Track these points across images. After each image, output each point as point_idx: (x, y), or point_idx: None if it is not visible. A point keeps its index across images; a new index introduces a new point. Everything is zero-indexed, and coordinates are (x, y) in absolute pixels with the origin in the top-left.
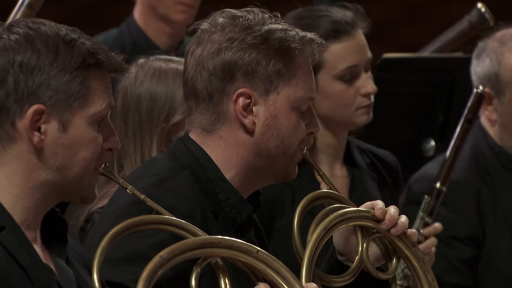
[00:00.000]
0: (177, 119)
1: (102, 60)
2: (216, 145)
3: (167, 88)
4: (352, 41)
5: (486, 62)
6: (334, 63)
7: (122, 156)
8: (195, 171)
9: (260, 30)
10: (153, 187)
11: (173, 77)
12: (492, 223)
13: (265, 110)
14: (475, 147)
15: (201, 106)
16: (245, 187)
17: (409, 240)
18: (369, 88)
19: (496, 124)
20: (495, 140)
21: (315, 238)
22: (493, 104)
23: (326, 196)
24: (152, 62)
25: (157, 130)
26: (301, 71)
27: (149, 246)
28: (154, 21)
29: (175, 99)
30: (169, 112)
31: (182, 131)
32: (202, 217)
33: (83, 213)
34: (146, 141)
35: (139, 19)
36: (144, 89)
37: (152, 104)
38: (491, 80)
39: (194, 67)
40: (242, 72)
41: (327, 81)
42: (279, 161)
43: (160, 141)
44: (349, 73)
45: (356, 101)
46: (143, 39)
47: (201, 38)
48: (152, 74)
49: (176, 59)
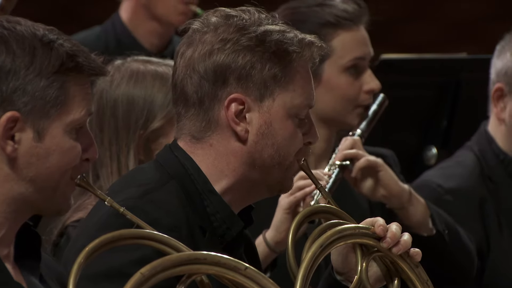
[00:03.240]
0: (156, 126)
1: (82, 64)
2: (206, 154)
3: (145, 91)
4: (360, 33)
5: (507, 56)
6: (343, 53)
7: (98, 166)
8: (183, 182)
9: (256, 31)
10: (136, 198)
11: (152, 79)
12: (497, 233)
13: (259, 117)
14: (480, 154)
15: (191, 111)
16: (236, 200)
17: (412, 260)
18: (373, 85)
19: (504, 124)
20: (500, 146)
21: (310, 256)
22: (504, 101)
23: (324, 211)
24: (129, 64)
25: (135, 137)
26: (299, 76)
27: (129, 262)
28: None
29: (154, 103)
30: (147, 117)
31: (162, 139)
32: (188, 232)
33: (56, 226)
34: (123, 149)
35: (126, 17)
36: (120, 92)
37: (129, 109)
38: (507, 74)
39: (184, 69)
40: (235, 76)
41: (334, 72)
42: (273, 173)
43: (138, 149)
44: (357, 65)
45: (359, 98)
46: (129, 38)
47: (192, 38)
48: (129, 76)
49: (155, 60)
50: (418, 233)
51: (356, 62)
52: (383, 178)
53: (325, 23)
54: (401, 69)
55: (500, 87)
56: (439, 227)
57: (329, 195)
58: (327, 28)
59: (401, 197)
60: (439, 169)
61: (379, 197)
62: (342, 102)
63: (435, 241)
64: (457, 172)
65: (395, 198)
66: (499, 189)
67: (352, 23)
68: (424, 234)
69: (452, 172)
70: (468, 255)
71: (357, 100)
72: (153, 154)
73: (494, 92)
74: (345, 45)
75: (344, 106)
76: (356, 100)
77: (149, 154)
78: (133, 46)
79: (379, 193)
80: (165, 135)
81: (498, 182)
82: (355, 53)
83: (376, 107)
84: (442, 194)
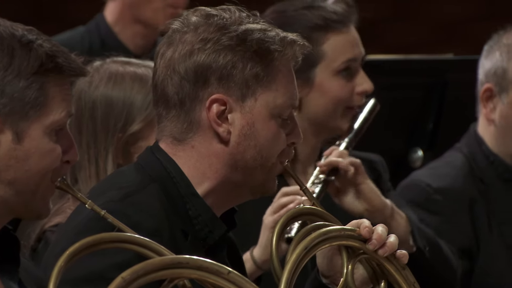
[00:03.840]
0: (135, 129)
1: (61, 65)
2: (187, 156)
3: (124, 93)
4: (350, 34)
5: (496, 56)
6: (334, 56)
7: (76, 169)
8: (165, 185)
9: (237, 30)
10: (117, 201)
11: (131, 81)
12: (487, 234)
13: (242, 118)
14: (469, 156)
15: (172, 113)
16: (219, 203)
17: (399, 262)
18: (366, 86)
19: (493, 125)
20: (490, 148)
21: (294, 258)
22: (493, 101)
23: (308, 213)
24: (108, 65)
25: (113, 140)
26: (282, 75)
27: (110, 266)
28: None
29: (133, 106)
30: (126, 120)
31: (141, 142)
32: (170, 235)
33: (34, 231)
34: (101, 153)
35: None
36: (99, 94)
37: (107, 112)
38: (497, 74)
39: (164, 70)
40: (216, 76)
41: (326, 76)
42: (256, 174)
43: (116, 153)
44: (349, 67)
45: (351, 100)
46: (113, 39)
47: (172, 38)
48: (108, 78)
49: (135, 62)
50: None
51: (348, 64)
52: (365, 192)
53: (314, 26)
54: (386, 70)
55: (489, 88)
56: (420, 244)
57: (313, 197)
58: (317, 32)
59: (384, 211)
60: (428, 169)
61: (361, 211)
62: (334, 105)
63: (416, 258)
64: (446, 172)
65: (378, 212)
66: (489, 191)
67: (342, 24)
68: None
69: (441, 172)
70: (450, 269)
71: (349, 102)
72: (132, 158)
73: (483, 92)
74: (336, 48)
75: (336, 109)
76: (348, 102)
77: (128, 157)
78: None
79: (362, 207)
80: (145, 138)
81: (488, 184)
82: (347, 56)
83: (366, 115)
84: (431, 194)
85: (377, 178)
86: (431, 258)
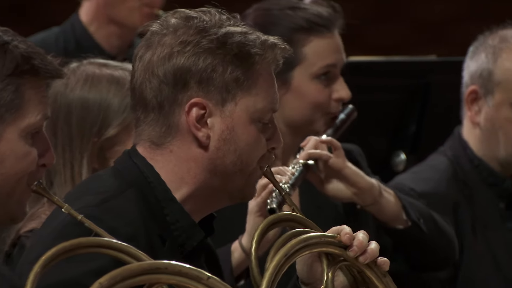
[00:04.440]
0: (112, 133)
1: (37, 66)
2: (166, 160)
3: (101, 96)
4: (333, 39)
5: (481, 57)
6: (314, 59)
7: (52, 173)
8: (142, 190)
9: (217, 33)
10: (93, 207)
11: (108, 84)
12: (471, 239)
13: (221, 122)
14: (454, 159)
15: (150, 116)
16: (197, 209)
17: (380, 270)
18: (343, 94)
19: (478, 128)
20: (474, 152)
21: (274, 265)
22: (479, 104)
23: (288, 219)
24: (84, 67)
25: (88, 145)
26: (262, 79)
27: (87, 272)
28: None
29: (109, 109)
30: (102, 124)
31: (118, 146)
32: (147, 241)
33: (9, 236)
34: (77, 157)
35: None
36: (75, 97)
37: (83, 115)
38: (482, 76)
39: (142, 73)
40: (196, 79)
41: (304, 79)
42: (235, 180)
43: (92, 158)
44: (328, 72)
45: (328, 106)
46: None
47: (151, 41)
48: (85, 80)
49: (112, 64)
50: (394, 226)
51: (327, 70)
52: (350, 175)
53: (298, 28)
54: (368, 72)
55: (475, 90)
56: (413, 217)
57: (293, 203)
58: (300, 34)
59: (372, 191)
60: (412, 173)
61: (349, 196)
62: (310, 109)
63: (412, 232)
64: (430, 175)
65: (367, 193)
66: (473, 195)
67: (326, 29)
68: (400, 226)
69: (425, 176)
70: (448, 238)
71: (326, 108)
72: (108, 163)
73: (468, 95)
74: (317, 52)
75: (312, 113)
76: (325, 108)
77: (104, 162)
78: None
79: (349, 191)
80: (121, 143)
81: (472, 188)
82: (327, 61)
83: (344, 116)
84: (415, 198)
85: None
86: (428, 230)
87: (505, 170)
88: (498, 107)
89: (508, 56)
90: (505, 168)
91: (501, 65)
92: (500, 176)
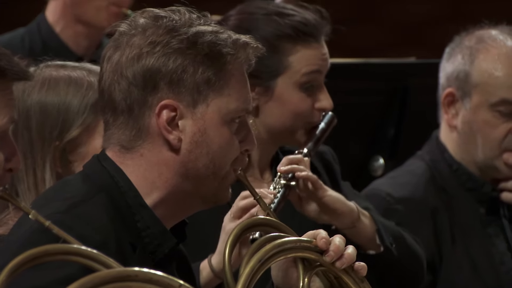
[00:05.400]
0: (73, 135)
1: (4, 68)
2: (136, 164)
3: (59, 99)
4: (319, 49)
5: (458, 59)
6: (299, 68)
7: (15, 181)
8: (112, 195)
9: (187, 32)
10: (61, 213)
11: (65, 85)
12: (450, 247)
13: (193, 125)
14: (431, 164)
15: (120, 119)
16: (169, 214)
17: (357, 275)
18: (325, 104)
19: (455, 131)
20: (453, 156)
21: (248, 272)
22: (456, 107)
23: (262, 224)
24: (41, 71)
25: (50, 149)
26: (234, 80)
27: (55, 280)
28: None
29: (69, 111)
30: (62, 127)
31: (81, 148)
32: (117, 248)
33: None
34: (38, 163)
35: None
36: (33, 102)
37: (42, 119)
38: (459, 78)
39: (111, 75)
40: (166, 81)
41: (287, 88)
42: (208, 184)
43: (54, 161)
44: (311, 81)
45: (310, 115)
46: (55, 40)
47: (119, 41)
48: (42, 84)
49: (70, 65)
50: (366, 251)
51: (311, 79)
52: (329, 203)
53: (283, 35)
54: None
55: (451, 92)
56: (387, 242)
57: (268, 207)
58: (286, 42)
59: (351, 215)
60: (389, 178)
61: (328, 219)
62: (292, 118)
63: (384, 257)
64: (407, 181)
65: (346, 218)
66: (452, 200)
67: (312, 38)
68: (373, 252)
69: (402, 181)
70: (418, 261)
71: (308, 117)
72: (72, 166)
73: (444, 97)
74: (302, 61)
75: (293, 122)
76: (307, 117)
77: (67, 166)
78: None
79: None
80: (83, 145)
81: (451, 193)
82: (312, 70)
83: (324, 126)
84: (391, 204)
85: (329, 169)
86: (399, 254)
87: (484, 174)
88: (476, 110)
89: (485, 57)
90: (484, 172)
91: (478, 67)
92: (479, 180)
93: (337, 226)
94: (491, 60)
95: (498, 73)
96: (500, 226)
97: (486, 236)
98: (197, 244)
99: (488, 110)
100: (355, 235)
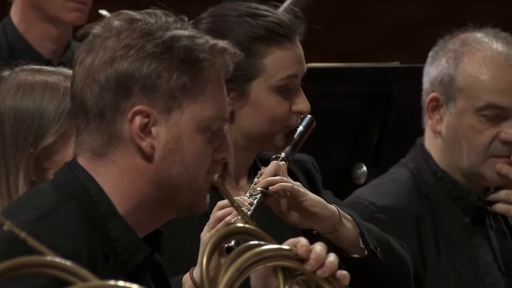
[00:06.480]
0: (48, 142)
1: None
2: (108, 172)
3: (34, 104)
4: (294, 50)
5: (442, 62)
6: (274, 71)
7: None
8: (83, 204)
9: (163, 36)
10: (31, 222)
11: (41, 91)
12: (435, 258)
13: (167, 132)
14: (415, 172)
15: (91, 125)
16: (142, 223)
17: (340, 284)
18: (302, 107)
19: (440, 137)
20: (437, 163)
21: (226, 281)
22: (440, 112)
23: (241, 232)
24: (15, 75)
25: (24, 156)
26: (211, 86)
27: None
28: (38, 23)
29: (44, 117)
30: (37, 133)
31: (56, 156)
32: (89, 259)
33: None
34: (12, 170)
35: (17, 21)
36: (7, 107)
37: (17, 125)
38: (443, 82)
39: (83, 78)
40: (139, 86)
41: (262, 91)
42: (183, 193)
43: (28, 169)
44: (288, 84)
45: (287, 118)
46: (21, 43)
47: (92, 44)
48: (16, 89)
49: (46, 69)
50: (350, 255)
51: (287, 81)
52: (309, 207)
53: (257, 37)
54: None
55: (435, 97)
56: (371, 246)
57: (246, 215)
58: (259, 44)
59: (332, 219)
60: (372, 186)
61: (309, 225)
62: (269, 122)
63: (369, 261)
64: (391, 189)
65: (327, 221)
66: (437, 209)
67: (287, 39)
68: (356, 255)
69: (385, 189)
70: (404, 267)
71: (285, 121)
72: (47, 174)
73: (428, 102)
74: (277, 63)
75: (271, 127)
76: (284, 121)
77: (42, 173)
78: (27, 52)
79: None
80: (59, 152)
81: (436, 202)
82: (288, 72)
83: (303, 129)
84: (375, 212)
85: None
86: (384, 258)
87: (470, 182)
88: (461, 115)
89: (470, 60)
90: (469, 180)
91: (463, 70)
92: (465, 189)
93: (318, 230)
94: (476, 64)
95: (484, 77)
96: (486, 236)
97: (471, 246)
98: (177, 255)
99: (473, 115)
100: (337, 239)
